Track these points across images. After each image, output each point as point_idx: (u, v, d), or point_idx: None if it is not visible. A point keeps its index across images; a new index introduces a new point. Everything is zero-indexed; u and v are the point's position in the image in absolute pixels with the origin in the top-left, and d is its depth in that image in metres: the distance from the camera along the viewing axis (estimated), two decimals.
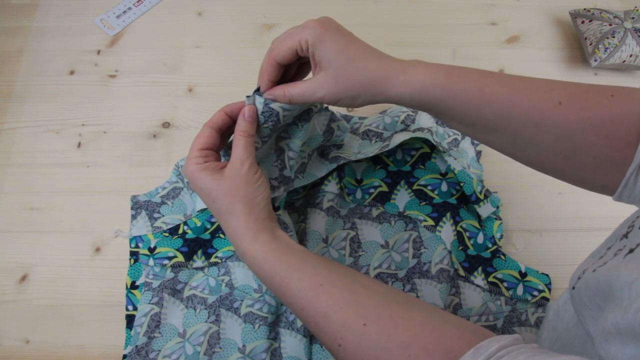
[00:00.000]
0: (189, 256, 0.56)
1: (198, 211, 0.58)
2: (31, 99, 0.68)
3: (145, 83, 0.70)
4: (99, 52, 0.72)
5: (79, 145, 0.65)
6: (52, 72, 0.70)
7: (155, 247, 0.57)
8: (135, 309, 0.55)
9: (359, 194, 0.61)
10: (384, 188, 0.61)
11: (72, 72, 0.70)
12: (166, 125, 0.67)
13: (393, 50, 0.44)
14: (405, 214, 0.60)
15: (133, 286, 0.56)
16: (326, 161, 0.58)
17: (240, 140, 0.43)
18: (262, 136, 0.47)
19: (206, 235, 0.57)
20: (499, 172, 0.65)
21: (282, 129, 0.50)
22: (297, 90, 0.43)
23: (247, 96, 0.45)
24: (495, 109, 0.39)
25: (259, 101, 0.44)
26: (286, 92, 0.43)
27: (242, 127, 0.43)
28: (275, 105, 0.45)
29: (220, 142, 0.46)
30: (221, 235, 0.58)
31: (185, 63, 0.71)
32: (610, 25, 0.69)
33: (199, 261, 0.57)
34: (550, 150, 0.39)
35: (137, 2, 0.75)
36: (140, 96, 0.69)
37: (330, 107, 0.54)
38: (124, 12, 0.75)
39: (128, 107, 0.68)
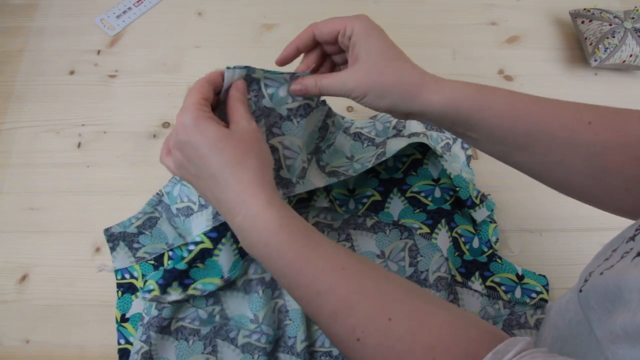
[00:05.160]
0: (163, 288, 0.51)
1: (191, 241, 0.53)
2: (31, 99, 0.68)
3: (145, 83, 0.70)
4: (99, 52, 0.72)
5: (79, 145, 0.65)
6: (52, 72, 0.70)
7: (145, 281, 0.54)
8: (127, 342, 0.53)
9: (351, 204, 0.60)
10: (377, 197, 0.60)
11: (72, 72, 0.70)
12: (166, 125, 0.67)
13: None
14: (400, 222, 0.59)
15: (123, 319, 0.54)
16: (323, 173, 0.55)
17: (238, 105, 0.41)
18: None
19: (182, 265, 0.51)
20: (498, 172, 0.64)
21: (273, 123, 0.46)
22: (328, 80, 0.43)
23: (228, 68, 0.42)
24: (526, 123, 0.39)
25: (240, 72, 0.43)
26: (317, 82, 0.43)
27: (236, 95, 0.41)
28: (257, 74, 0.43)
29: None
30: (199, 265, 0.52)
31: (185, 63, 0.71)
32: (610, 25, 0.69)
33: (174, 294, 0.51)
34: (580, 170, 0.38)
35: (137, 2, 0.75)
36: (140, 96, 0.69)
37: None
38: (124, 12, 0.75)
39: (128, 107, 0.68)
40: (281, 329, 0.54)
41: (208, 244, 0.52)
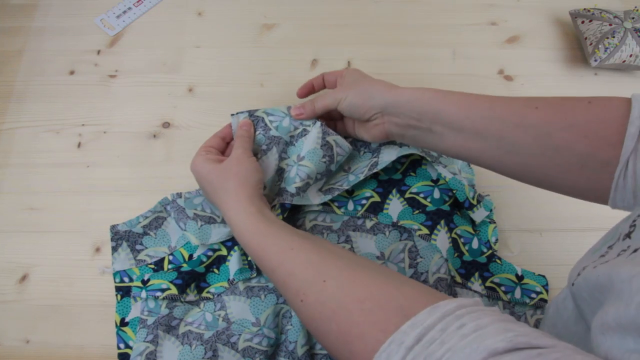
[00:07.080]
0: (182, 289, 0.54)
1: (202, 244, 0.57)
2: (31, 99, 0.68)
3: (145, 83, 0.70)
4: (99, 52, 0.72)
5: (79, 145, 0.65)
6: (52, 72, 0.70)
7: (148, 280, 0.55)
8: (127, 346, 0.53)
9: (350, 206, 0.60)
10: (376, 198, 0.60)
11: (72, 72, 0.70)
12: (166, 125, 0.67)
13: (393, 50, 0.45)
14: (399, 224, 0.59)
15: (123, 323, 0.54)
16: (320, 191, 0.58)
17: (236, 139, 0.55)
18: (258, 144, 0.56)
19: (201, 269, 0.55)
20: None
21: (282, 149, 0.57)
22: (320, 98, 0.55)
23: (232, 114, 0.57)
24: (479, 110, 0.45)
25: (243, 115, 0.57)
26: (313, 101, 0.56)
27: (238, 132, 0.56)
28: (259, 113, 0.57)
29: (225, 148, 0.57)
30: (215, 271, 0.56)
31: (185, 63, 0.71)
32: (610, 25, 0.69)
33: (191, 294, 0.55)
34: (533, 151, 0.42)
35: (137, 2, 0.75)
36: (140, 96, 0.69)
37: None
38: (124, 12, 0.75)
39: (128, 107, 0.68)
40: (284, 333, 0.54)
41: (224, 251, 0.57)
